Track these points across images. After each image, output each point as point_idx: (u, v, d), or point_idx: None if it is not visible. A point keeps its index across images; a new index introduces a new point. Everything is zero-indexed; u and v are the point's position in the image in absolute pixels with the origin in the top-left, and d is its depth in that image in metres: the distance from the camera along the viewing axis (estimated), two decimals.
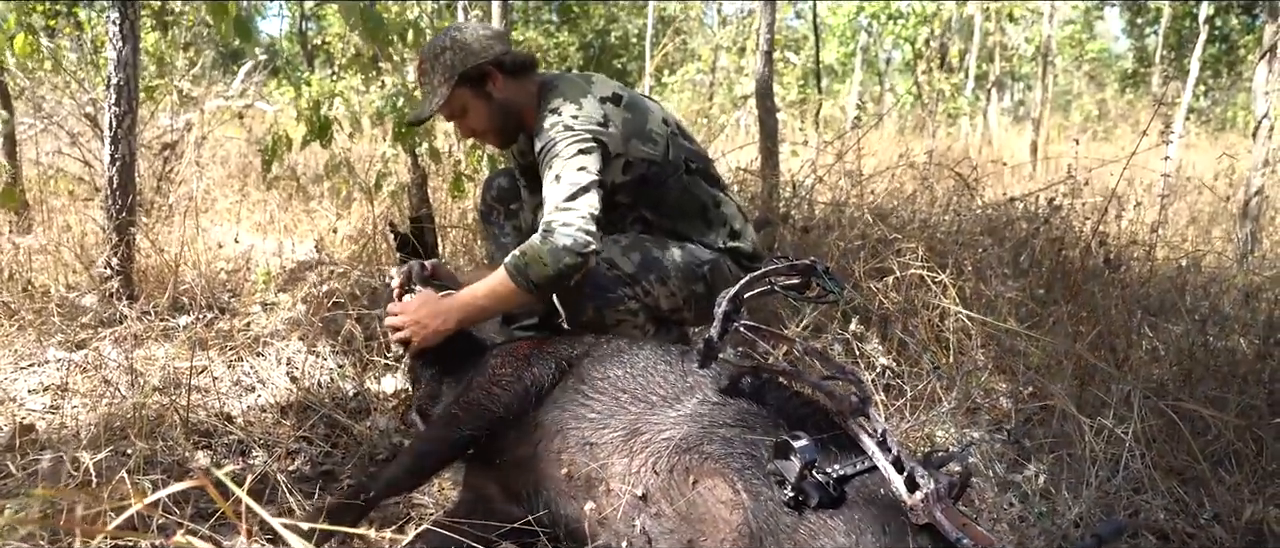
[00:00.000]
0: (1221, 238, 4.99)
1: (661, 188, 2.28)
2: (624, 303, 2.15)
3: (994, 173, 6.20)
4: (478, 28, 2.26)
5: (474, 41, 2.20)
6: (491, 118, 2.26)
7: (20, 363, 2.59)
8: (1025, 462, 2.17)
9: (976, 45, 15.14)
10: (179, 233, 3.40)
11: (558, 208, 1.99)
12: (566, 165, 2.03)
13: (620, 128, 2.17)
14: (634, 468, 1.55)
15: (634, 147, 2.21)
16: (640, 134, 2.22)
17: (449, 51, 2.18)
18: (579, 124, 2.08)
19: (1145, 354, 2.62)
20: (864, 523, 1.34)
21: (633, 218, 2.32)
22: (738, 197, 2.46)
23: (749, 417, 1.54)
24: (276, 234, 4.09)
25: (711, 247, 2.31)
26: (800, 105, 9.61)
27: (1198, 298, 3.24)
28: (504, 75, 2.22)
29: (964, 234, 3.34)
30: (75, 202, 4.10)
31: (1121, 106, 15.78)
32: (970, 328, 2.63)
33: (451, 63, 2.18)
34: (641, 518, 1.52)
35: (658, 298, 2.20)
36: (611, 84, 2.25)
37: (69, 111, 4.60)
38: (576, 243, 1.95)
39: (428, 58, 2.21)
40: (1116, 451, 2.06)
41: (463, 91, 2.20)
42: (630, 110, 2.22)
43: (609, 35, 18.83)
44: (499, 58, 2.20)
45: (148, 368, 2.45)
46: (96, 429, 2.01)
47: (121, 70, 2.89)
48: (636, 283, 2.16)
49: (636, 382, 1.69)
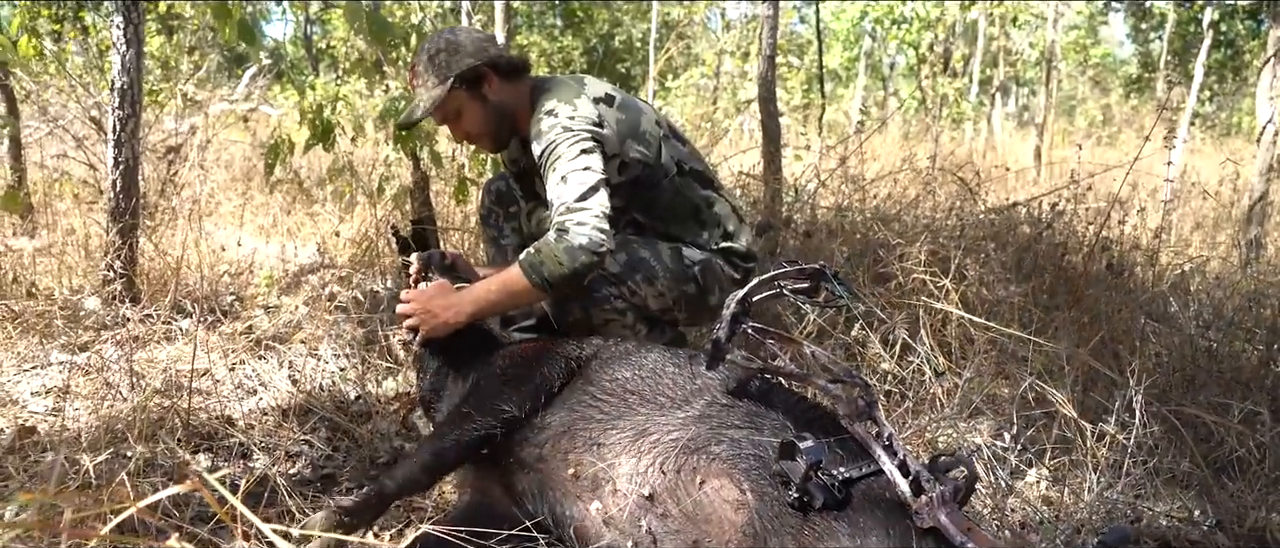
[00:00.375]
0: (1226, 243, 4.97)
1: (654, 190, 2.28)
2: (610, 303, 2.15)
3: (998, 178, 6.20)
4: (471, 31, 2.25)
5: (468, 43, 2.19)
6: (486, 121, 2.25)
7: (23, 365, 2.59)
8: (1027, 468, 2.16)
9: (981, 50, 15.13)
10: (182, 236, 3.41)
11: (569, 208, 1.98)
12: (571, 166, 2.03)
13: (615, 128, 2.17)
14: (641, 468, 1.56)
15: (629, 147, 2.21)
16: (634, 135, 2.22)
17: (443, 53, 2.16)
18: (577, 124, 2.07)
19: (1148, 360, 2.61)
20: (868, 526, 1.34)
21: (625, 221, 2.31)
22: (734, 197, 2.45)
23: (756, 418, 1.54)
24: (279, 238, 4.10)
25: (704, 247, 2.31)
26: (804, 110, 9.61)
27: (1202, 304, 3.23)
28: (499, 77, 2.21)
29: (967, 239, 3.33)
30: (80, 205, 4.11)
31: (1126, 112, 15.77)
32: (972, 333, 2.63)
33: (446, 64, 2.16)
34: (647, 518, 1.52)
35: (645, 298, 2.20)
36: (603, 85, 2.25)
37: (75, 116, 4.62)
38: (592, 242, 1.95)
39: (421, 59, 2.19)
40: (1119, 457, 2.06)
41: (458, 94, 2.19)
42: (623, 111, 2.22)
43: (613, 40, 18.84)
44: (494, 59, 2.19)
45: (149, 370, 2.45)
46: (97, 432, 2.02)
47: (125, 74, 2.90)
48: (622, 283, 2.16)
49: (645, 383, 1.69)
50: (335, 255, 3.61)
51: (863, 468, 1.40)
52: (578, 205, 1.98)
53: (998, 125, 14.63)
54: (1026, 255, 3.38)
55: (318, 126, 3.71)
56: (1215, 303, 3.27)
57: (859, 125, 4.91)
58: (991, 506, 1.97)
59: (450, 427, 1.77)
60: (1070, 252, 3.34)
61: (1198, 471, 2.14)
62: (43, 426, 2.16)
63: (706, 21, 16.61)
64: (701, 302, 2.28)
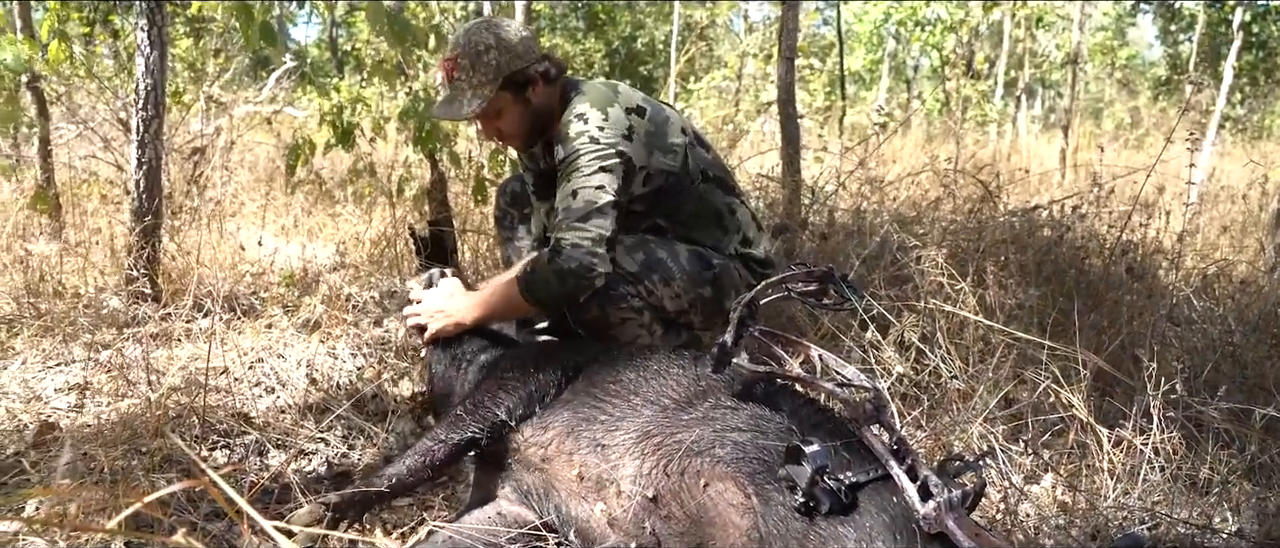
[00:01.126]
0: (1253, 247, 4.89)
1: (679, 197, 2.29)
2: (627, 301, 2.16)
3: (1021, 180, 6.13)
4: (516, 27, 2.22)
5: (518, 43, 2.15)
6: (523, 123, 2.24)
7: (48, 363, 2.64)
8: (1042, 473, 2.14)
9: (1006, 52, 14.99)
10: (204, 236, 3.45)
11: (569, 226, 2.01)
12: (585, 182, 2.04)
13: (644, 140, 2.17)
14: (645, 470, 1.56)
15: (656, 159, 2.21)
16: (662, 147, 2.22)
17: (494, 51, 2.12)
18: (605, 136, 2.07)
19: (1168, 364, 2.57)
20: (875, 531, 1.33)
21: (647, 225, 2.32)
22: (752, 205, 2.46)
23: (762, 422, 1.54)
24: (300, 238, 4.14)
25: (722, 251, 2.31)
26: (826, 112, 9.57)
27: (1227, 308, 3.19)
28: (544, 83, 2.20)
29: (986, 241, 3.31)
30: (106, 205, 4.18)
31: (1154, 114, 15.54)
32: (989, 336, 2.60)
33: (496, 63, 2.12)
34: (651, 520, 1.53)
35: (662, 298, 2.20)
36: (636, 95, 2.24)
37: (104, 117, 4.69)
38: (581, 267, 1.98)
39: (467, 55, 2.13)
40: (1136, 462, 2.03)
41: (504, 95, 2.17)
42: (653, 122, 2.21)
43: (635, 42, 18.86)
44: (545, 67, 2.18)
45: (169, 368, 2.49)
46: (116, 428, 2.05)
47: (149, 75, 2.95)
48: (640, 282, 2.16)
49: (650, 385, 1.70)
50: (354, 256, 3.64)
51: (870, 472, 1.39)
52: (577, 225, 2.00)
53: (1023, 128, 14.48)
54: (1047, 259, 3.34)
55: (338, 128, 3.75)
56: (1240, 307, 3.22)
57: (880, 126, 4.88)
58: (1005, 510, 1.95)
59: (443, 429, 1.79)
60: (1091, 255, 3.30)
61: (1217, 477, 2.11)
62: (64, 421, 2.20)
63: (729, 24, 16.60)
64: (717, 305, 2.28)
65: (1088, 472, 2.10)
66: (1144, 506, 2.00)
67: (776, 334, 1.63)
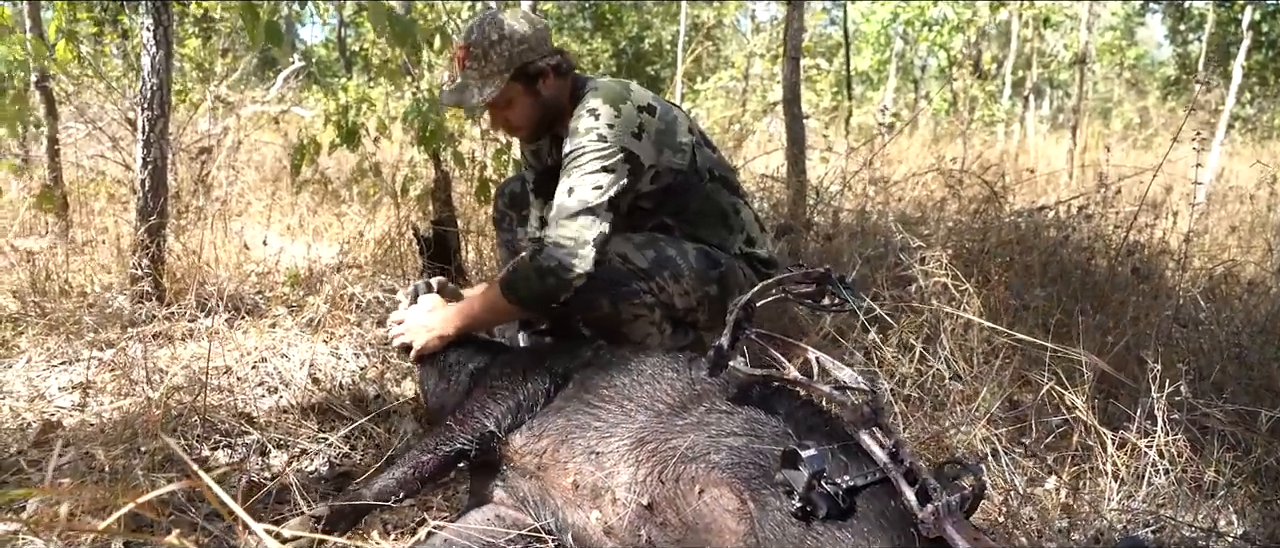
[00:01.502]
0: (1262, 248, 4.86)
1: (686, 195, 2.29)
2: (639, 297, 2.15)
3: (1028, 180, 6.11)
4: (532, 19, 2.23)
5: (532, 35, 2.16)
6: (532, 114, 2.25)
7: (53, 361, 2.65)
8: (1045, 475, 2.13)
9: (1013, 52, 14.93)
10: (209, 235, 3.46)
11: (558, 223, 2.01)
12: (584, 180, 2.04)
13: (655, 138, 2.17)
14: (640, 477, 1.54)
15: (665, 157, 2.22)
16: (672, 145, 2.23)
17: (507, 42, 2.13)
18: (614, 134, 2.08)
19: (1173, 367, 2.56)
20: (873, 535, 1.32)
21: (654, 223, 2.32)
22: (754, 206, 2.46)
23: (757, 426, 1.52)
24: (305, 237, 4.15)
25: (727, 251, 2.30)
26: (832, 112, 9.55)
27: (1234, 309, 3.16)
28: (556, 76, 2.22)
29: (991, 242, 3.29)
30: (114, 204, 4.19)
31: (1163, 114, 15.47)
32: (993, 338, 2.59)
33: (509, 55, 2.14)
34: (647, 527, 1.51)
35: (672, 295, 2.20)
36: (647, 94, 2.25)
37: (112, 117, 4.71)
38: (562, 267, 1.97)
39: (479, 45, 2.14)
40: (1140, 465, 2.02)
41: (515, 85, 2.18)
42: (663, 121, 2.22)
43: (642, 42, 18.86)
44: (557, 62, 2.19)
45: (171, 367, 2.49)
46: (117, 427, 2.05)
47: (155, 75, 2.96)
48: (651, 278, 2.16)
49: (644, 390, 1.68)
50: (359, 255, 3.65)
51: (867, 476, 1.38)
52: (565, 223, 2.01)
53: (1031, 128, 14.42)
54: (1052, 259, 3.33)
55: (343, 128, 3.75)
56: (1247, 309, 3.20)
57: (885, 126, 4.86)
58: (1008, 513, 1.94)
59: (433, 439, 1.79)
60: (1097, 256, 3.28)
61: (1223, 480, 2.09)
62: (68, 420, 2.21)
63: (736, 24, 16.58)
64: (723, 304, 2.28)
65: (1091, 475, 2.09)
66: (1148, 509, 1.98)
67: (773, 337, 1.62)
